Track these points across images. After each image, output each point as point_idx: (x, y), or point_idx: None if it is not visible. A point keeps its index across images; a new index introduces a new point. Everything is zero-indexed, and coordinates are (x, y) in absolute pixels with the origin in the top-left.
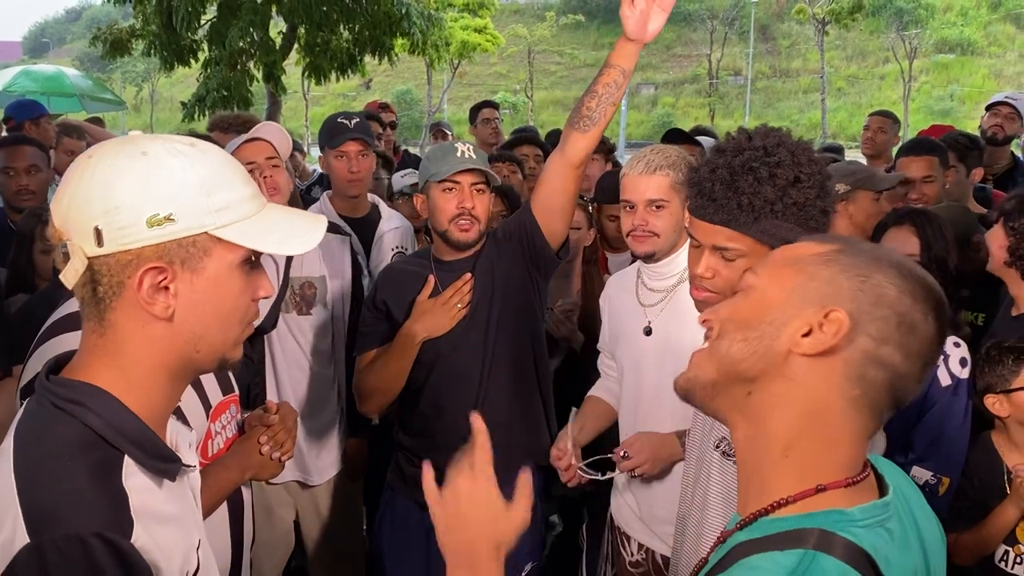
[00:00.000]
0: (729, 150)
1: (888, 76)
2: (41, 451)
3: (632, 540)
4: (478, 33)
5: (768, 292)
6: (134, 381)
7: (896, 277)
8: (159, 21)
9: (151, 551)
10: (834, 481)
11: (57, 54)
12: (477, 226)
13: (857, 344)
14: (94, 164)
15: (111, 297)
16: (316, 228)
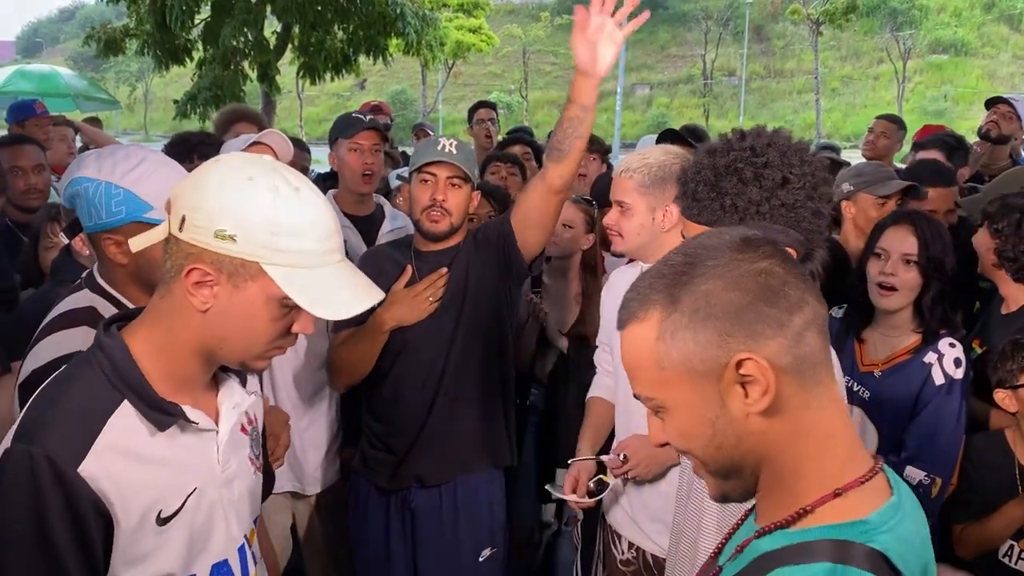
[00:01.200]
0: (717, 151)
1: (882, 77)
2: (60, 380)
3: (623, 539)
4: (473, 33)
5: (681, 403)
6: (163, 345)
7: (715, 270)
8: (153, 20)
9: (101, 481)
10: (849, 483)
11: (51, 53)
12: (448, 219)
13: (775, 354)
14: (213, 168)
15: (174, 274)
16: (364, 300)
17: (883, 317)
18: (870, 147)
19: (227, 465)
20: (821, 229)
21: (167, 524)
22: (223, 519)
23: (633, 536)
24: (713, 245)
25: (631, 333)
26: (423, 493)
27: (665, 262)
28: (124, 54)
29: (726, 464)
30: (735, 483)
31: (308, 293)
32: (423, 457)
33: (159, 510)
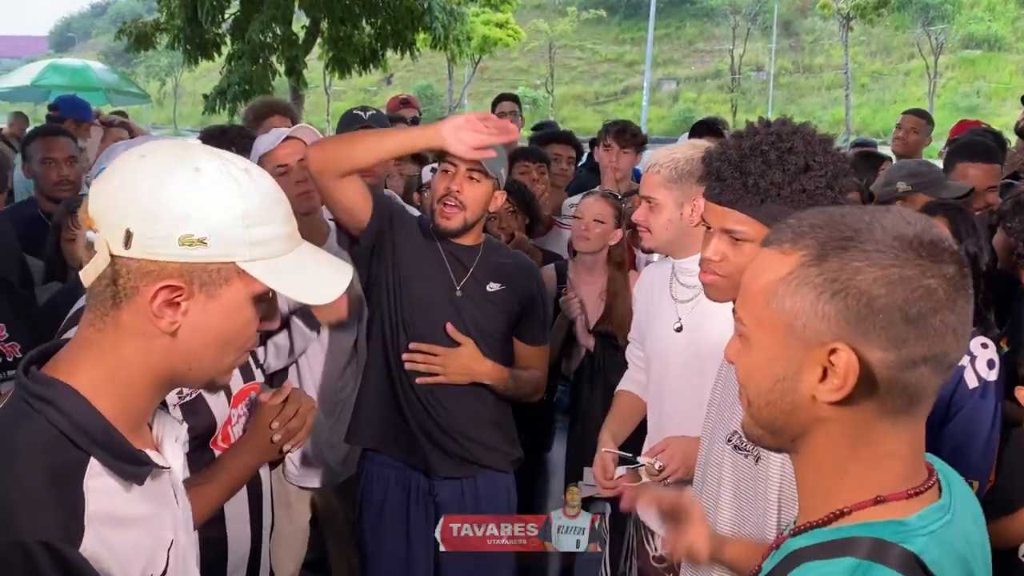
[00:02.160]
0: (744, 134)
1: (913, 72)
2: (4, 448)
3: (656, 536)
4: (499, 28)
5: (763, 345)
6: (116, 382)
7: (878, 258)
8: (183, 15)
9: (102, 558)
10: (894, 493)
11: (82, 48)
12: (462, 213)
13: (875, 364)
14: (146, 165)
15: (122, 298)
16: (340, 280)
17: None
18: (901, 143)
19: (183, 504)
20: None
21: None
22: (194, 562)
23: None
24: (902, 232)
25: (768, 256)
26: (446, 485)
27: (845, 216)
28: (155, 49)
29: (768, 420)
30: (767, 435)
31: (297, 281)
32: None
33: (150, 574)
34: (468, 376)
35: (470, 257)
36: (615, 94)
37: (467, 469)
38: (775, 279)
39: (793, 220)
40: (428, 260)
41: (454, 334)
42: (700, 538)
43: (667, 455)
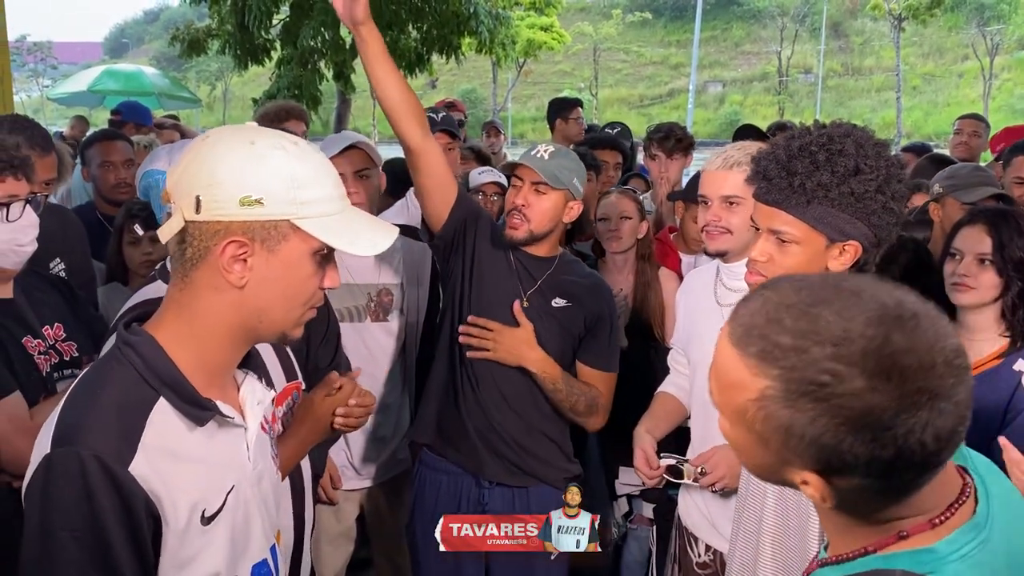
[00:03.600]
0: (795, 135)
1: (967, 74)
2: (91, 380)
3: (700, 541)
4: (544, 31)
5: (744, 443)
6: (193, 334)
7: (840, 409)
8: (234, 21)
9: (150, 479)
10: (916, 526)
11: (136, 54)
12: (526, 225)
13: (850, 487)
14: (210, 143)
15: (197, 258)
16: (386, 236)
17: (966, 320)
18: (964, 148)
19: (256, 462)
20: (891, 226)
21: (211, 523)
22: (258, 517)
23: (710, 539)
24: (866, 349)
25: (735, 363)
26: (497, 493)
27: (810, 332)
28: (206, 54)
29: (768, 480)
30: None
31: (343, 236)
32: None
33: (203, 509)
34: (517, 358)
35: (541, 269)
36: (660, 97)
37: (520, 479)
38: (744, 398)
39: (761, 322)
40: (500, 266)
41: (518, 313)
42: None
43: (713, 463)
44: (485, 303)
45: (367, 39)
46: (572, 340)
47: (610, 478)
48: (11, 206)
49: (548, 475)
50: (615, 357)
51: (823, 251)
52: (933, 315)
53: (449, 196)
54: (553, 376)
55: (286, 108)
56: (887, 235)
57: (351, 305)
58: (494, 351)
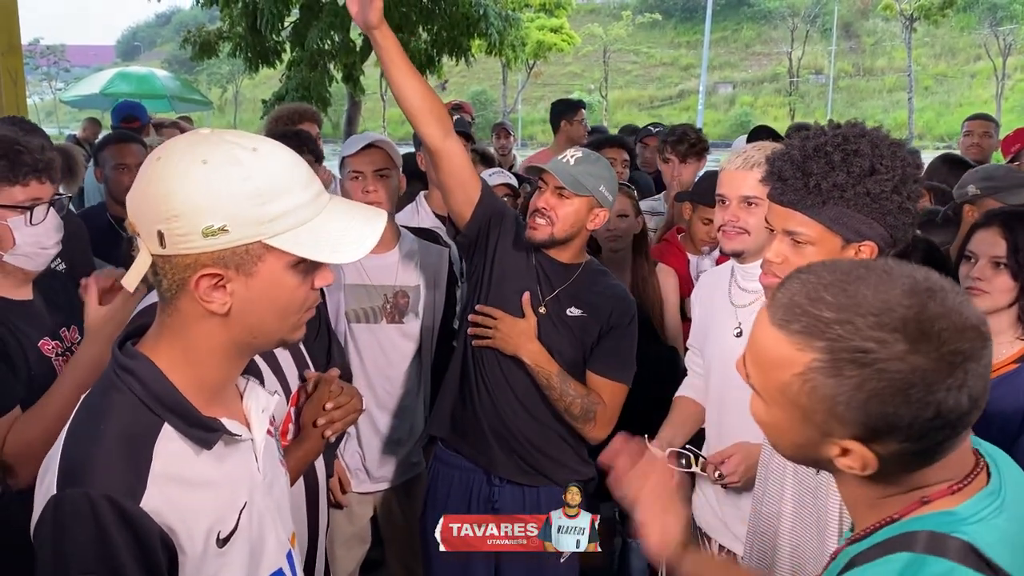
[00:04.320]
0: (810, 135)
1: (979, 74)
2: (91, 410)
3: (713, 541)
4: (554, 33)
5: (781, 418)
6: (189, 359)
7: (887, 373)
8: (245, 23)
9: (164, 513)
10: (937, 491)
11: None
12: (550, 228)
13: (892, 451)
14: (161, 168)
15: (176, 290)
16: (371, 233)
17: None
18: (976, 149)
19: (266, 471)
20: (907, 226)
21: (227, 544)
22: (272, 527)
23: (723, 538)
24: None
25: (778, 341)
26: (507, 490)
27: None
28: (217, 56)
29: (799, 460)
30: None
31: (322, 246)
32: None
33: (218, 532)
34: (513, 348)
35: (561, 276)
36: (670, 98)
37: (531, 478)
38: (789, 374)
39: (803, 301)
40: (520, 268)
41: (525, 305)
42: (675, 529)
43: (733, 462)
44: (505, 304)
45: (382, 42)
46: (584, 349)
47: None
48: (35, 209)
49: (560, 475)
50: (626, 369)
51: (838, 252)
52: (957, 289)
53: (473, 194)
54: (547, 371)
55: (299, 111)
56: (903, 235)
57: (367, 306)
58: (493, 338)
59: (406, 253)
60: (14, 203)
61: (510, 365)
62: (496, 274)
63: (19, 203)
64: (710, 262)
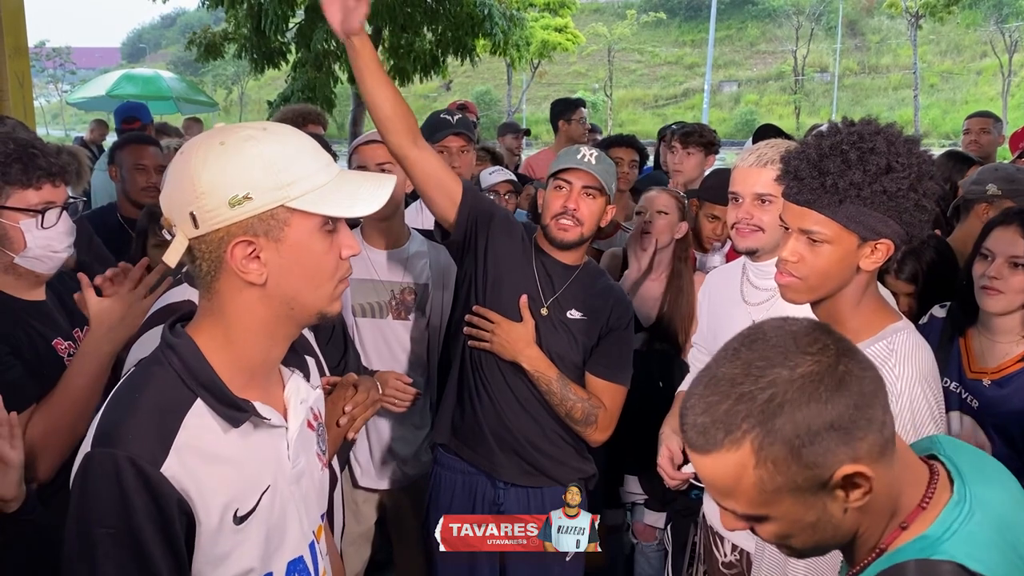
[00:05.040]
0: (825, 134)
1: (985, 71)
2: (134, 380)
3: (726, 541)
4: (559, 32)
5: (785, 517)
6: (230, 339)
7: (796, 395)
8: (250, 24)
9: (183, 480)
10: (911, 514)
11: (153, 59)
12: (579, 228)
13: (869, 449)
14: (185, 159)
15: (214, 270)
16: (383, 190)
17: (990, 321)
18: (975, 147)
19: (297, 461)
20: (923, 223)
21: (244, 522)
22: (296, 516)
23: (736, 538)
24: (782, 361)
25: (722, 462)
26: (511, 492)
27: (735, 381)
28: (222, 58)
29: (814, 547)
30: (818, 552)
31: (340, 203)
32: (506, 449)
33: (236, 508)
34: (511, 353)
35: (562, 278)
36: (675, 97)
37: (534, 479)
38: (750, 473)
39: (702, 415)
40: (521, 270)
41: (523, 308)
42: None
43: None
44: (505, 306)
45: (360, 50)
46: (585, 352)
47: (614, 486)
48: (47, 213)
49: (563, 475)
50: (625, 371)
51: (855, 250)
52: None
53: (455, 196)
54: (547, 377)
55: (302, 112)
56: (919, 232)
57: (373, 301)
58: (491, 343)
59: (415, 252)
60: (27, 206)
61: (509, 367)
62: (492, 276)
63: (31, 206)
64: (720, 258)
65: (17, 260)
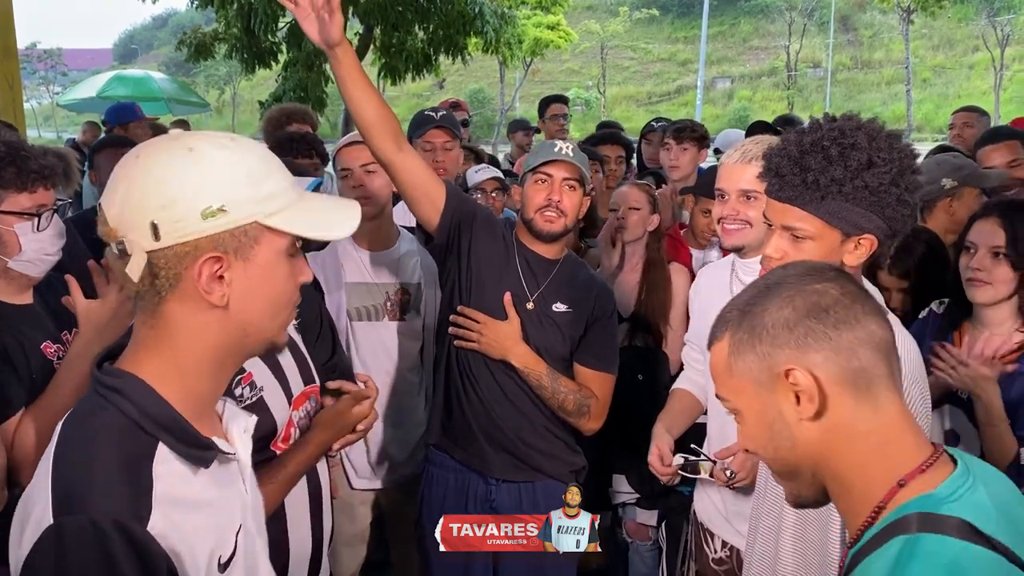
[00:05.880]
0: (806, 130)
1: (977, 65)
2: (78, 435)
3: (716, 537)
4: (551, 30)
5: (749, 409)
6: (180, 369)
7: (774, 298)
8: (240, 25)
9: (169, 537)
10: (911, 472)
11: (145, 60)
12: (563, 219)
13: (822, 366)
14: (144, 162)
15: (167, 289)
16: (353, 214)
17: (983, 314)
18: (959, 140)
19: (251, 492)
20: (906, 217)
21: (227, 570)
22: (263, 551)
23: (727, 535)
24: (786, 274)
25: (714, 349)
26: (504, 489)
27: (746, 290)
28: (213, 58)
29: (784, 466)
30: (799, 485)
31: (317, 223)
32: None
33: (219, 555)
34: (501, 351)
35: (545, 272)
36: (668, 94)
37: (525, 474)
38: (725, 359)
39: (718, 317)
40: (505, 268)
41: (508, 306)
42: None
43: (739, 460)
44: (490, 304)
45: (343, 59)
46: (573, 344)
47: (603, 487)
48: (41, 216)
49: (554, 469)
50: (613, 359)
51: (838, 246)
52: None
53: (438, 201)
54: (537, 372)
55: (288, 111)
56: (902, 227)
57: (369, 304)
58: (479, 343)
59: (406, 251)
60: (22, 210)
61: (497, 364)
62: (476, 276)
63: (26, 210)
64: (717, 253)
65: (11, 264)
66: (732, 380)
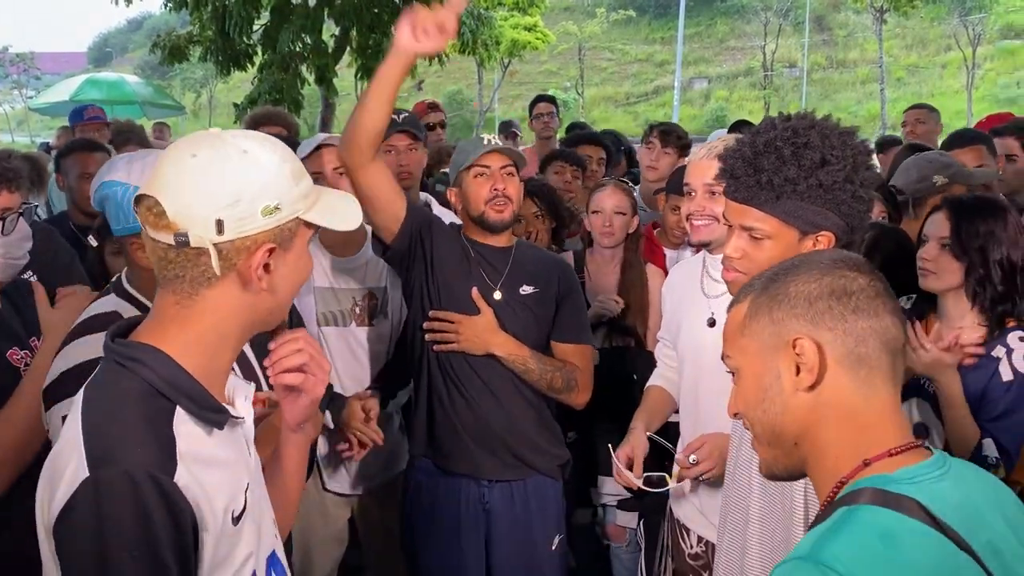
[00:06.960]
0: (759, 130)
1: (950, 64)
2: (104, 400)
3: (692, 532)
4: (528, 31)
5: (749, 368)
6: (205, 345)
7: (803, 273)
8: (214, 27)
9: (193, 489)
10: (878, 455)
11: (120, 63)
12: (511, 206)
13: (830, 343)
14: (204, 163)
15: (214, 278)
16: (357, 207)
17: (945, 308)
18: (913, 136)
19: (255, 455)
20: (862, 213)
21: (239, 522)
22: (268, 510)
23: (702, 530)
24: (818, 258)
25: (733, 310)
26: (496, 490)
27: (775, 265)
28: (188, 61)
29: (770, 430)
30: (778, 453)
31: (336, 216)
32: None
33: (232, 509)
34: (482, 346)
35: (503, 261)
36: (646, 94)
37: (515, 471)
38: (741, 319)
39: (743, 286)
40: (461, 264)
41: (477, 300)
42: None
43: (704, 451)
44: (459, 303)
45: (406, 68)
46: (547, 323)
47: (585, 484)
48: (7, 220)
49: (543, 464)
50: (587, 331)
51: (796, 244)
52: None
53: (399, 211)
54: (522, 357)
55: (263, 114)
56: (859, 222)
57: (336, 309)
58: (458, 342)
59: (372, 254)
60: None
61: (479, 362)
62: (441, 279)
63: None
64: (690, 253)
65: None
66: (742, 340)
